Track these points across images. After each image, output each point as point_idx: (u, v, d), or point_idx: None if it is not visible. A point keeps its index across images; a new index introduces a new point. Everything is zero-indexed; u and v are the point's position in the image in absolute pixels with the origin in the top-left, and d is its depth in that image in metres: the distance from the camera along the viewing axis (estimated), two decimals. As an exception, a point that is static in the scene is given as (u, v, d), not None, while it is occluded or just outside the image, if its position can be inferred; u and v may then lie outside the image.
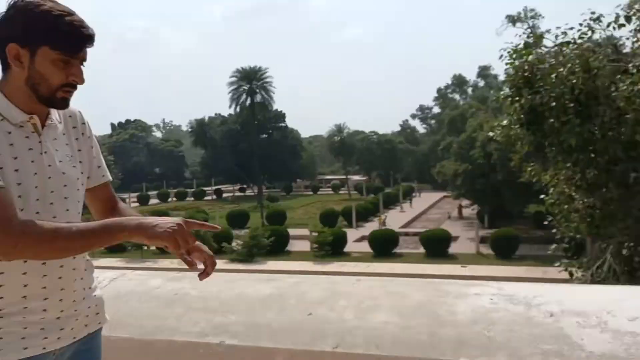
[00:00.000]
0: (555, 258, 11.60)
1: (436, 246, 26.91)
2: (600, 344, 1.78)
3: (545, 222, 10.61)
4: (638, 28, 8.23)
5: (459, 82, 73.80)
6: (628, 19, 7.98)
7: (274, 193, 63.61)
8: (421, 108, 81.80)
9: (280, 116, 68.34)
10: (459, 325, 1.97)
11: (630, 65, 7.17)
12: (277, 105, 71.45)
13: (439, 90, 75.43)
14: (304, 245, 28.82)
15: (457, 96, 74.19)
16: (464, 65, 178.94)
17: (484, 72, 68.41)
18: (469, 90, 72.90)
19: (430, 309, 2.09)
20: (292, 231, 31.09)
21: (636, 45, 8.38)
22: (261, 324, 2.12)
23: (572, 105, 6.57)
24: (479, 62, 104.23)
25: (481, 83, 69.98)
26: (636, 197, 6.71)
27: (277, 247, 28.25)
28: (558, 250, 10.38)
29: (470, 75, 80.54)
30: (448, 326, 1.97)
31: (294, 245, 29.97)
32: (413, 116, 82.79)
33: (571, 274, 9.60)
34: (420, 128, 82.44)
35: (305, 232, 30.14)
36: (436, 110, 76.50)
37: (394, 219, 38.46)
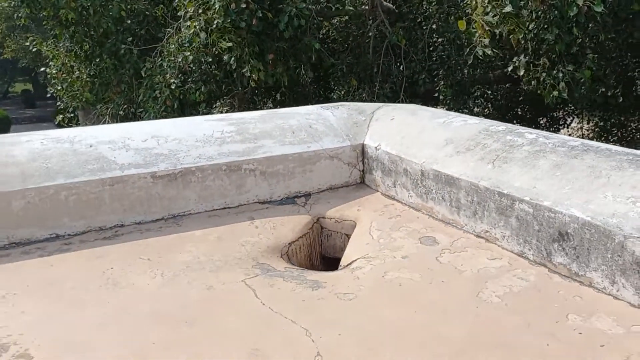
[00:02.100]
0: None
1: None
2: (126, 157, 2.60)
3: (48, 95, 10.78)
4: None
5: None
6: None
7: None
8: None
9: None
10: (20, 164, 2.41)
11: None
12: None
13: None
14: None
15: None
16: None
17: None
18: None
19: (-9, 156, 2.42)
20: None
21: None
22: None
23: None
24: None
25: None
26: (126, 66, 7.80)
27: None
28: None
29: None
30: (11, 166, 2.39)
31: None
32: None
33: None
34: None
35: None
36: None
37: None
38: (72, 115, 10.77)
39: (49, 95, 10.92)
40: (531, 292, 1.90)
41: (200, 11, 5.77)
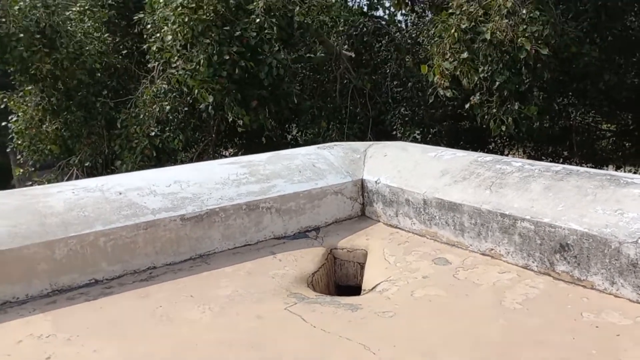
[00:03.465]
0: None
1: None
2: (155, 202, 2.71)
3: (8, 150, 10.50)
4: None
5: None
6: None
7: None
8: None
9: None
10: (59, 214, 2.48)
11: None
12: None
13: None
14: None
15: None
16: None
17: None
18: None
19: (30, 209, 2.48)
20: None
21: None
22: None
23: (38, 36, 6.87)
24: None
25: None
26: (97, 117, 7.80)
27: None
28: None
29: None
30: (50, 217, 2.45)
31: None
32: None
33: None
34: None
35: None
36: None
37: None
38: (32, 169, 10.51)
39: (8, 149, 10.65)
40: (545, 298, 2.15)
41: (180, 63, 5.95)
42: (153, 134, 6.25)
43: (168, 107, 6.26)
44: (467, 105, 5.78)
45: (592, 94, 8.09)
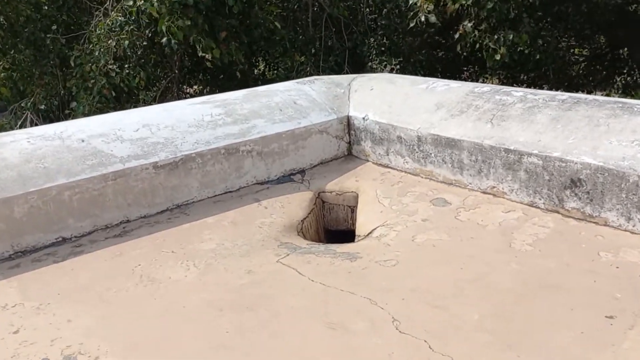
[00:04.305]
0: None
1: None
2: (123, 149, 2.46)
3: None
4: None
5: None
6: None
7: None
8: None
9: None
10: (15, 167, 2.22)
11: None
12: None
13: None
14: None
15: None
16: None
17: None
18: None
19: (-21, 162, 2.20)
20: None
21: None
22: None
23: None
24: None
25: None
26: (49, 56, 7.25)
27: None
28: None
29: None
30: (5, 170, 2.19)
31: None
32: None
33: None
34: None
35: None
36: None
37: None
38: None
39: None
40: (556, 237, 2.05)
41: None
42: (113, 72, 5.82)
43: (127, 42, 5.81)
44: (456, 35, 5.53)
45: (574, 17, 7.90)
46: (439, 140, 2.65)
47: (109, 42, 6.09)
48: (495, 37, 5.15)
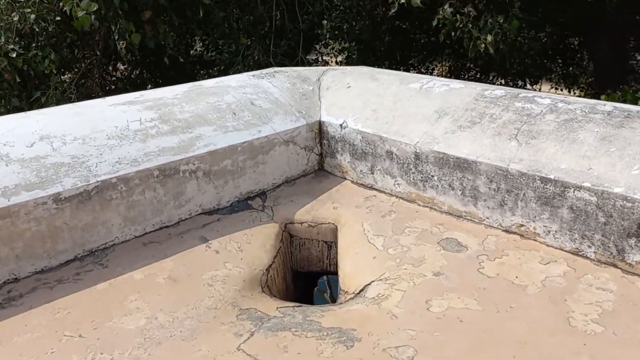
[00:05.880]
0: None
1: None
2: (9, 175, 1.74)
3: None
4: None
5: None
6: None
7: None
8: None
9: None
10: None
11: None
12: None
13: None
14: None
15: None
16: None
17: None
18: None
19: None
20: None
21: None
22: None
23: None
24: None
25: None
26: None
27: None
28: None
29: None
30: None
31: None
32: None
33: None
34: None
35: None
36: None
37: None
38: None
39: None
40: (629, 308, 1.54)
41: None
42: (14, 53, 4.88)
43: (33, 17, 4.89)
44: (434, 21, 5.00)
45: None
46: (446, 159, 2.09)
47: (12, 15, 5.14)
48: (482, 22, 4.65)
